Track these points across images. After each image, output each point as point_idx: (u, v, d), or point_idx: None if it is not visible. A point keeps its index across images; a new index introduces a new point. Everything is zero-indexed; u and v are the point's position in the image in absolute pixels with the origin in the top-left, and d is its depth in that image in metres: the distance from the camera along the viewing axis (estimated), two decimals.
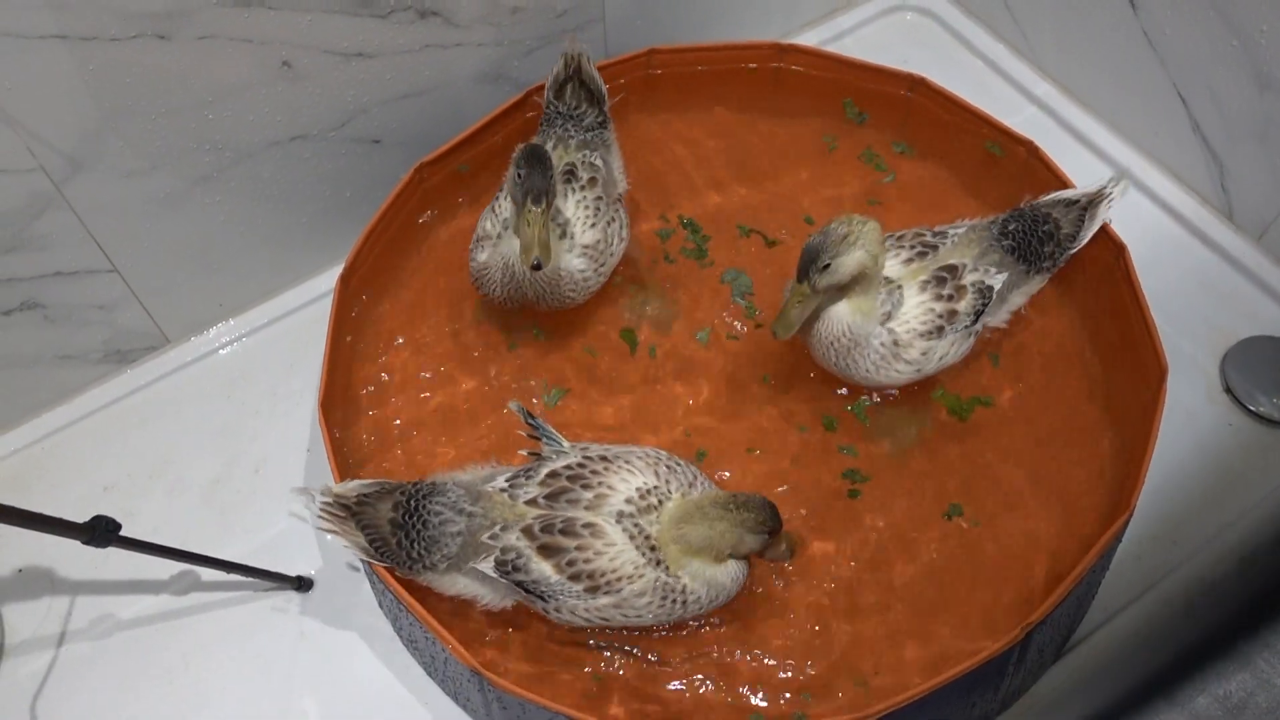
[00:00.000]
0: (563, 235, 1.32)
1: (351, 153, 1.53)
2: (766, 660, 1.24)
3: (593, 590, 1.11)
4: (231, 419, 1.53)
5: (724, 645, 1.24)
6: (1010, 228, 1.34)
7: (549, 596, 1.12)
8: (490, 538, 1.12)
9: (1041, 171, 1.49)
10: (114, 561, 1.40)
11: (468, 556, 1.13)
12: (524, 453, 1.21)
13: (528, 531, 1.11)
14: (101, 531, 1.11)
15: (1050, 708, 1.25)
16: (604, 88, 1.47)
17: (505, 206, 1.36)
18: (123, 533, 1.15)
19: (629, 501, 1.13)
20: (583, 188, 1.35)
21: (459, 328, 1.48)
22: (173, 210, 1.44)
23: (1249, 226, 1.59)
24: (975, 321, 1.30)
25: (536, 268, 1.23)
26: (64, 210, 1.35)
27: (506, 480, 1.16)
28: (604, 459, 1.16)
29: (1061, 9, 1.71)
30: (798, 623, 1.26)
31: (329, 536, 1.17)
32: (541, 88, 1.54)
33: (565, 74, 1.47)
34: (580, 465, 1.15)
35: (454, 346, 1.47)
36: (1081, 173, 1.51)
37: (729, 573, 1.16)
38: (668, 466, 1.17)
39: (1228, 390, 1.48)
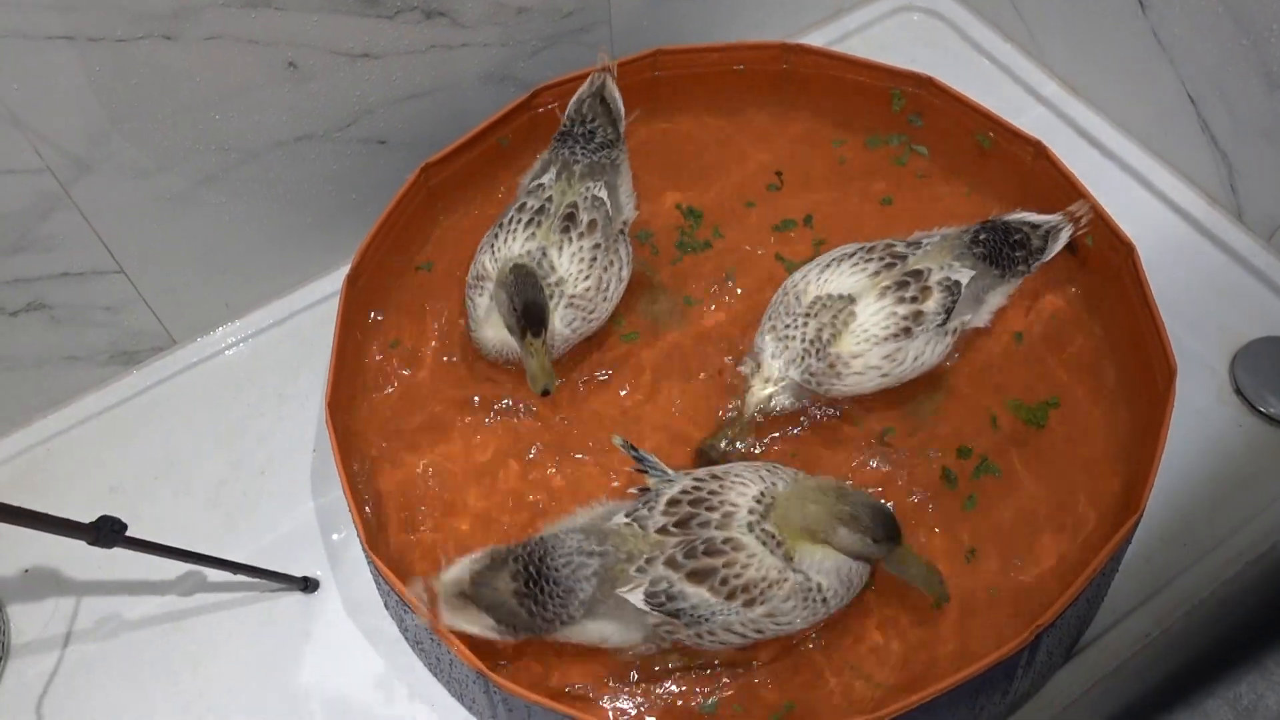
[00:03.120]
0: (552, 296, 1.30)
1: (357, 153, 1.53)
2: (776, 664, 1.23)
3: (749, 603, 1.10)
4: (237, 420, 1.53)
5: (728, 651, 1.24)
6: (982, 237, 1.35)
7: (704, 620, 1.10)
8: (637, 570, 1.09)
9: (1049, 171, 1.48)
10: (120, 562, 1.40)
11: (605, 594, 1.10)
12: (633, 490, 1.20)
13: (671, 562, 1.10)
14: (107, 532, 1.11)
15: (1059, 711, 1.24)
16: (622, 109, 1.47)
17: (507, 247, 1.34)
18: (128, 533, 1.15)
19: (751, 511, 1.12)
20: (581, 235, 1.33)
21: (467, 327, 1.48)
22: (179, 211, 1.44)
23: (1258, 227, 1.58)
24: (948, 319, 1.29)
25: (546, 393, 1.25)
26: (71, 211, 1.35)
27: (626, 515, 1.14)
28: (714, 477, 1.15)
29: (1069, 8, 1.70)
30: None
31: (451, 626, 1.11)
32: (548, 87, 1.54)
33: (589, 91, 1.46)
34: (695, 488, 1.14)
35: (462, 346, 1.47)
36: (1089, 172, 1.50)
37: (849, 562, 1.14)
38: (769, 469, 1.17)
39: (1238, 391, 1.47)
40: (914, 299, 1.27)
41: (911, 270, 1.29)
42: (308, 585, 1.37)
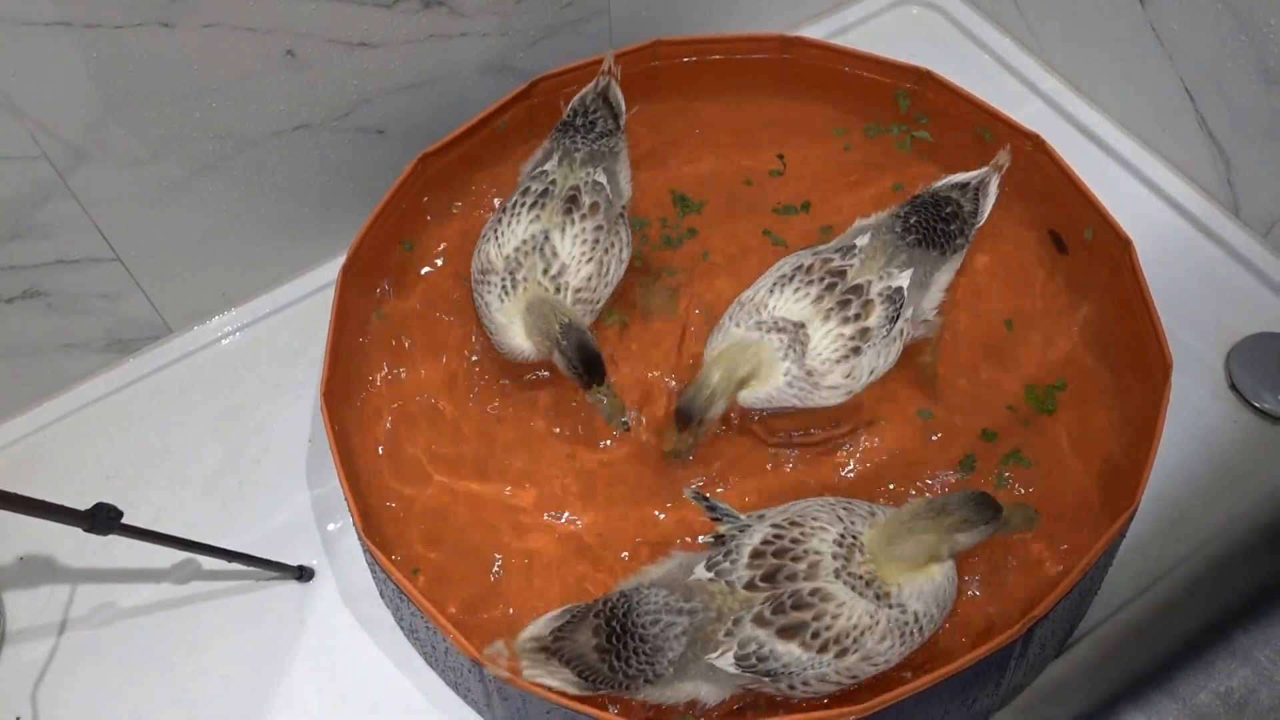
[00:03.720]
0: (557, 290, 1.31)
1: (355, 142, 1.52)
2: None
3: (841, 654, 1.08)
4: (234, 409, 1.53)
5: None
6: (912, 221, 1.35)
7: (795, 674, 1.08)
8: (726, 634, 1.07)
9: (1047, 165, 1.48)
10: (115, 550, 1.40)
11: (695, 654, 1.08)
12: (704, 539, 1.18)
13: (760, 619, 1.07)
14: (103, 519, 1.10)
15: (1050, 698, 1.24)
16: (624, 106, 1.47)
17: (511, 231, 1.34)
18: (124, 521, 1.15)
19: (835, 556, 1.10)
20: (584, 217, 1.34)
21: (465, 317, 1.47)
22: (176, 199, 1.44)
23: (1255, 223, 1.59)
24: (894, 326, 1.30)
25: (626, 428, 1.32)
26: (67, 199, 1.35)
27: (708, 568, 1.12)
28: (793, 524, 1.13)
29: (1069, 3, 1.70)
30: None
31: (532, 677, 1.09)
32: (546, 78, 1.54)
33: (594, 90, 1.47)
34: (776, 537, 1.11)
35: (459, 335, 1.47)
36: (1087, 167, 1.50)
37: (945, 575, 1.13)
38: (845, 508, 1.16)
39: (1233, 387, 1.48)
40: (857, 316, 1.28)
41: (851, 287, 1.29)
42: (303, 574, 1.38)
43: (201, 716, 1.30)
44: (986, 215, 1.40)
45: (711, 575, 1.10)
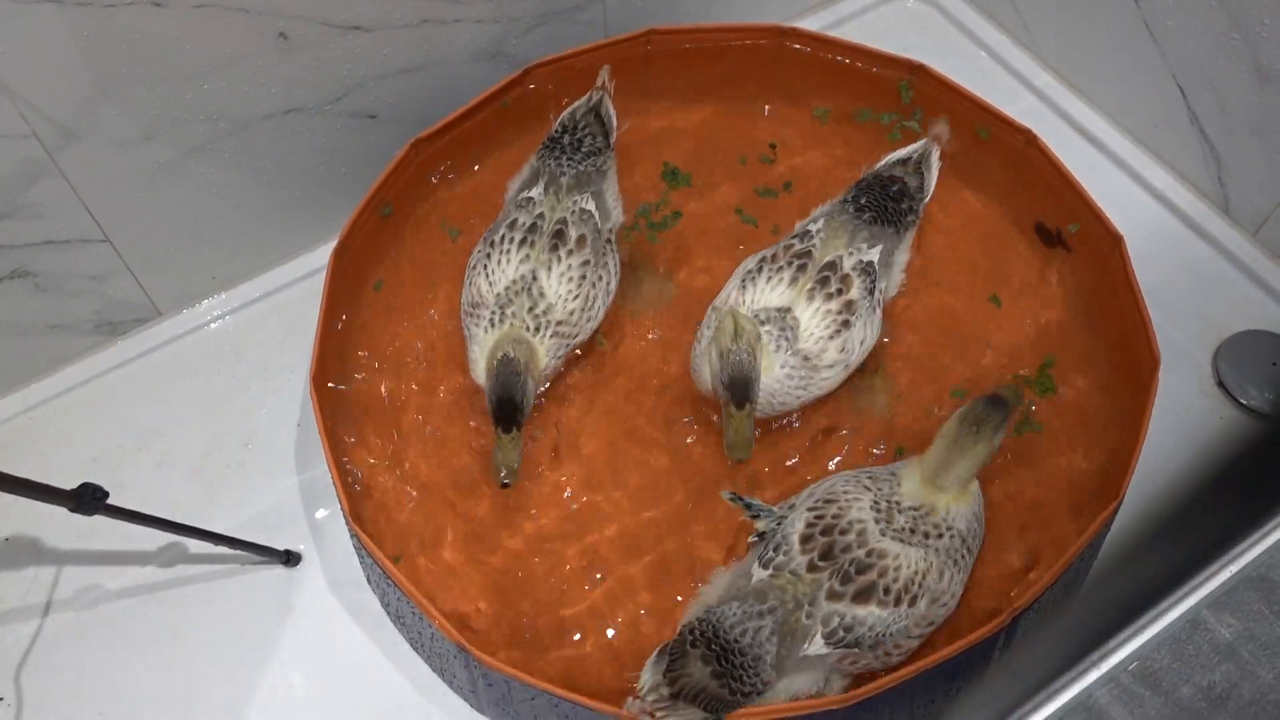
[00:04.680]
0: (537, 328, 1.30)
1: (347, 127, 1.52)
2: None
3: (913, 602, 1.12)
4: (222, 392, 1.52)
5: None
6: (863, 201, 1.37)
7: (883, 637, 1.11)
8: (807, 617, 1.10)
9: (1039, 160, 1.48)
10: (101, 532, 1.40)
11: (788, 650, 1.10)
12: (752, 539, 1.20)
13: (832, 594, 1.10)
14: (88, 499, 1.10)
15: (1032, 690, 1.25)
16: (615, 122, 1.47)
17: (502, 270, 1.33)
18: (110, 502, 1.14)
19: (876, 520, 1.14)
20: (570, 253, 1.33)
21: (454, 306, 1.47)
22: (166, 181, 1.43)
23: (1245, 221, 1.59)
24: (872, 297, 1.32)
25: (505, 486, 1.25)
26: (57, 178, 1.34)
27: (764, 567, 1.14)
28: (827, 502, 1.16)
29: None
30: None
31: None
32: (540, 65, 1.53)
33: (586, 105, 1.46)
34: (818, 518, 1.14)
35: (448, 322, 1.46)
36: (1079, 163, 1.50)
37: (975, 490, 1.20)
38: (868, 477, 1.19)
39: (1220, 384, 1.48)
40: (840, 291, 1.29)
41: (825, 264, 1.31)
42: (290, 559, 1.37)
43: (186, 700, 1.30)
44: (932, 189, 1.42)
45: (771, 572, 1.12)
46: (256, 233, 1.57)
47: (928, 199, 1.42)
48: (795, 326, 1.28)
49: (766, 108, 1.65)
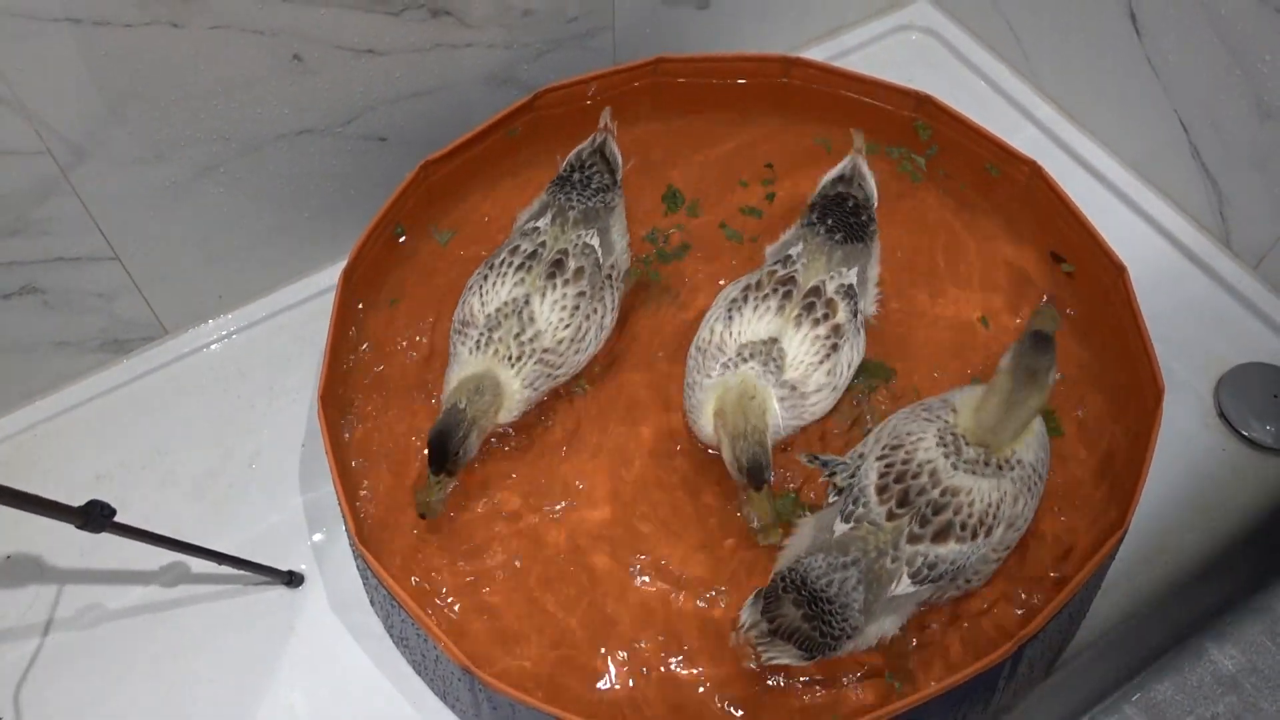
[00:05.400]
0: (519, 357, 1.31)
1: (358, 149, 1.53)
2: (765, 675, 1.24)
3: (989, 532, 1.16)
4: (227, 412, 1.52)
5: (708, 657, 1.25)
6: (830, 222, 1.39)
7: (964, 568, 1.16)
8: (891, 562, 1.13)
9: (1043, 190, 1.50)
10: (103, 551, 1.39)
11: (875, 596, 1.13)
12: (830, 493, 1.24)
13: (913, 538, 1.14)
14: (96, 516, 1.10)
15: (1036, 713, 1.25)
16: (620, 160, 1.48)
17: (495, 291, 1.33)
18: (116, 520, 1.14)
19: (946, 455, 1.17)
20: (566, 282, 1.33)
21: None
22: (177, 200, 1.44)
23: (1246, 254, 1.61)
24: (856, 319, 1.34)
25: (423, 516, 1.28)
26: (69, 195, 1.35)
27: (845, 521, 1.17)
28: (894, 448, 1.19)
29: (1065, 32, 1.73)
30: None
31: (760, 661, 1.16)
32: (551, 90, 1.55)
33: (590, 146, 1.48)
34: (889, 467, 1.18)
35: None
36: (1081, 195, 1.51)
37: (1040, 426, 1.23)
38: (924, 410, 1.23)
39: (1221, 415, 1.49)
40: (826, 316, 1.31)
41: (809, 290, 1.32)
42: (293, 579, 1.37)
43: None
44: (876, 195, 1.45)
45: (852, 525, 1.16)
46: (264, 253, 1.57)
47: (875, 205, 1.45)
48: (782, 357, 1.29)
49: (771, 135, 1.66)
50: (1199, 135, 1.59)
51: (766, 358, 1.29)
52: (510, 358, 1.30)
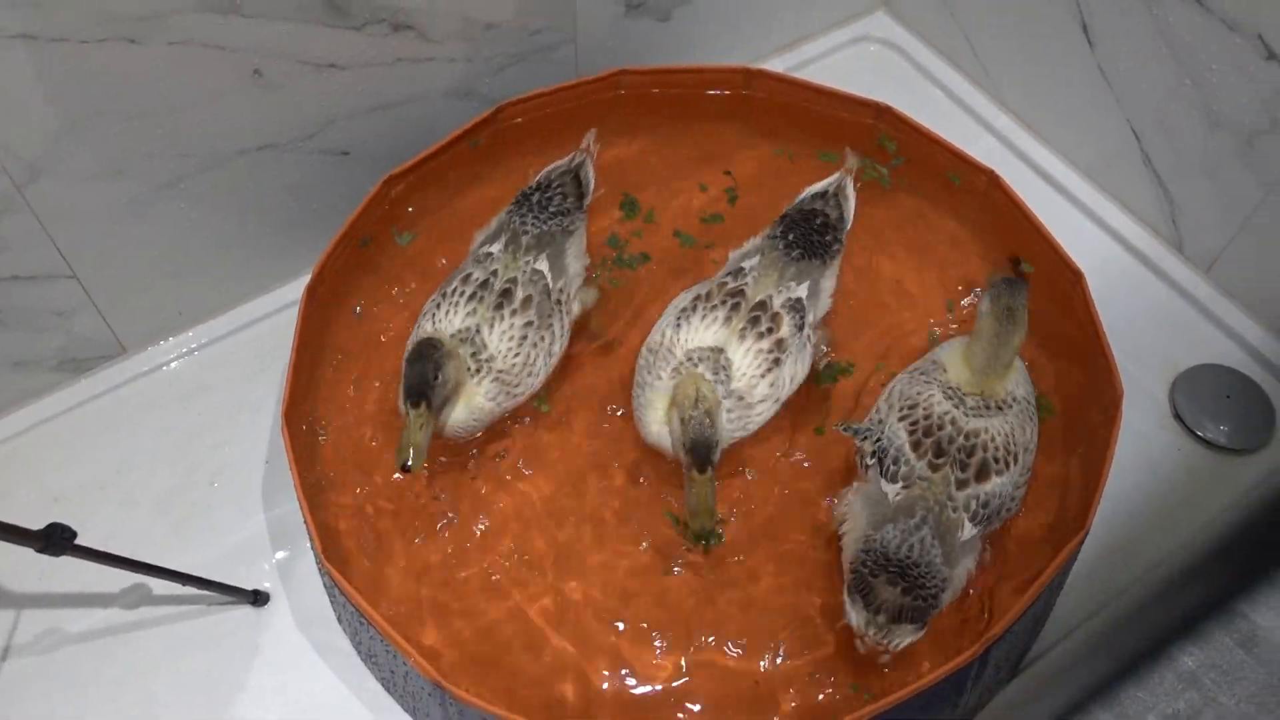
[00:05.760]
0: (478, 370, 1.31)
1: (320, 164, 1.52)
2: (733, 684, 1.24)
3: (1016, 460, 1.25)
4: (189, 430, 1.51)
5: (681, 671, 1.25)
6: (791, 237, 1.41)
7: (1007, 498, 1.24)
8: (953, 511, 1.21)
9: (1001, 199, 1.52)
10: (62, 574, 1.37)
11: (950, 545, 1.20)
12: (868, 463, 1.27)
13: (960, 484, 1.22)
14: (57, 539, 1.08)
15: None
16: (592, 184, 1.48)
17: (449, 320, 1.33)
18: (76, 543, 1.12)
19: (956, 405, 1.27)
20: (514, 312, 1.34)
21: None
22: (135, 217, 1.42)
23: (1198, 259, 1.64)
24: (801, 334, 1.36)
25: (405, 470, 1.22)
26: (24, 213, 1.33)
27: (893, 483, 1.23)
28: (911, 407, 1.27)
29: (1021, 44, 1.76)
30: (760, 639, 1.27)
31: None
32: (512, 104, 1.55)
33: (567, 166, 1.48)
34: (914, 424, 1.26)
35: None
36: (1038, 203, 1.54)
37: (1017, 363, 1.33)
38: (921, 374, 1.32)
39: (1177, 416, 1.52)
40: (770, 330, 1.33)
41: (756, 303, 1.34)
42: (258, 598, 1.35)
43: None
44: (851, 218, 1.47)
45: (902, 485, 1.22)
46: (225, 268, 1.56)
47: (848, 228, 1.46)
48: (729, 366, 1.30)
49: (731, 146, 1.67)
50: (1151, 144, 1.62)
51: (715, 365, 1.30)
52: (471, 369, 1.31)
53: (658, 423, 1.30)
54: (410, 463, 1.21)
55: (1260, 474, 1.48)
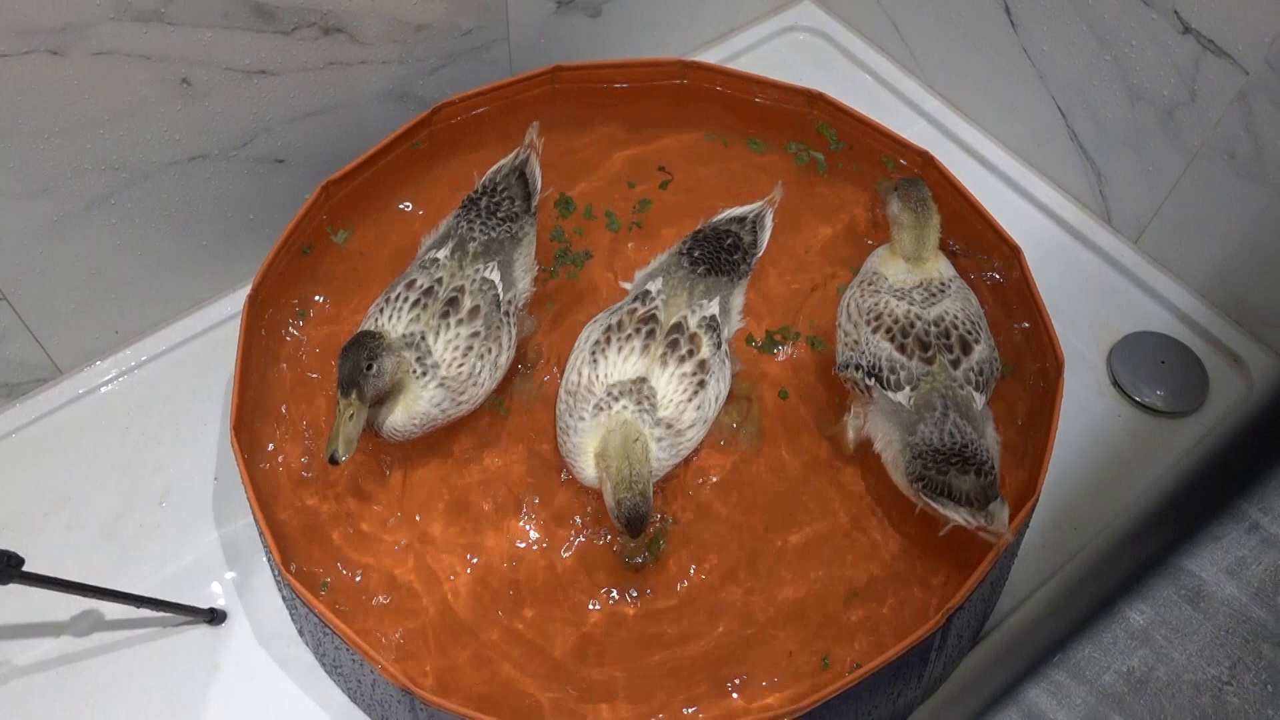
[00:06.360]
0: (424, 374, 1.30)
1: (254, 172, 1.49)
2: (699, 671, 1.25)
3: (979, 326, 1.36)
4: (132, 451, 1.47)
5: (651, 668, 1.25)
6: (696, 254, 1.40)
7: (989, 362, 1.34)
8: (960, 388, 1.30)
9: (936, 179, 1.55)
10: (7, 604, 1.33)
11: (971, 416, 1.29)
12: (868, 385, 1.33)
13: (954, 362, 1.31)
14: (3, 566, 1.05)
15: (967, 688, 1.29)
16: (539, 183, 1.47)
17: (392, 325, 1.31)
18: (25, 569, 1.09)
19: (911, 302, 1.36)
20: (460, 322, 1.32)
21: None
22: (65, 235, 1.39)
23: (1126, 229, 1.69)
24: (720, 350, 1.35)
25: (333, 462, 1.21)
26: None
27: (900, 390, 1.30)
28: (875, 316, 1.35)
29: (947, 28, 1.79)
30: (729, 629, 1.28)
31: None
32: (448, 104, 1.54)
33: (511, 163, 1.46)
34: (888, 330, 1.33)
35: None
36: (971, 182, 1.57)
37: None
38: (862, 282, 1.41)
39: (1115, 384, 1.57)
40: (691, 353, 1.32)
41: (672, 326, 1.33)
42: (214, 617, 1.33)
43: None
44: (764, 246, 1.47)
45: (911, 389, 1.29)
46: (161, 284, 1.52)
47: (760, 254, 1.46)
48: (653, 396, 1.29)
49: (666, 140, 1.68)
50: (1076, 120, 1.67)
51: (639, 396, 1.28)
52: (415, 373, 1.29)
53: (591, 466, 1.27)
54: (339, 453, 1.20)
55: (1197, 435, 1.53)
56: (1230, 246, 1.56)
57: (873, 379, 1.32)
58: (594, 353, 1.32)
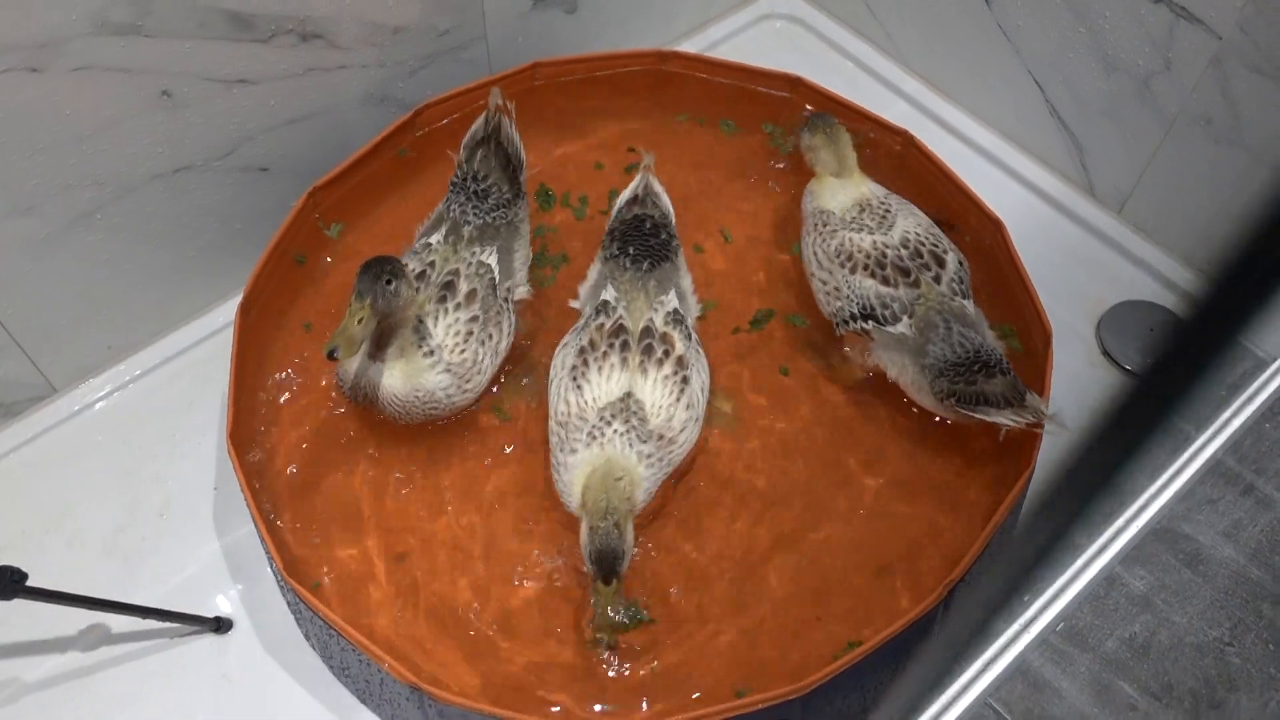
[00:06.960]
0: (430, 353, 1.29)
1: (239, 182, 1.50)
2: (701, 661, 1.26)
3: (937, 235, 1.41)
4: (130, 464, 1.47)
5: (654, 651, 1.26)
6: (632, 251, 1.39)
7: (963, 265, 1.40)
8: (952, 299, 1.35)
9: (917, 159, 1.56)
10: (13, 621, 1.33)
11: (970, 319, 1.35)
12: (866, 327, 1.37)
13: (935, 279, 1.36)
14: (7, 583, 1.05)
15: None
16: (522, 154, 1.43)
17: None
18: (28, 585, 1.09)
19: (870, 231, 1.40)
20: (458, 306, 1.31)
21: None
22: (53, 252, 1.39)
23: (1109, 200, 1.71)
24: (691, 341, 1.35)
25: (331, 357, 1.19)
26: None
27: (899, 320, 1.33)
28: (846, 258, 1.39)
29: (921, 8, 1.80)
30: (726, 621, 1.28)
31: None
32: (430, 105, 1.54)
33: (484, 132, 1.42)
34: (864, 267, 1.37)
35: None
36: (951, 161, 1.58)
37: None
38: (819, 229, 1.44)
39: (1105, 353, 1.58)
40: (667, 353, 1.31)
41: (642, 331, 1.31)
42: (220, 625, 1.33)
43: None
44: (671, 209, 1.45)
45: (909, 316, 1.34)
46: (152, 297, 1.53)
47: (673, 221, 1.44)
48: (641, 409, 1.27)
49: (645, 130, 1.69)
50: (1054, 93, 1.68)
51: (628, 414, 1.26)
52: (422, 350, 1.29)
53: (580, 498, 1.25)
54: (339, 351, 1.19)
55: None
56: (1212, 211, 1.57)
57: (869, 320, 1.34)
58: (575, 378, 1.29)
